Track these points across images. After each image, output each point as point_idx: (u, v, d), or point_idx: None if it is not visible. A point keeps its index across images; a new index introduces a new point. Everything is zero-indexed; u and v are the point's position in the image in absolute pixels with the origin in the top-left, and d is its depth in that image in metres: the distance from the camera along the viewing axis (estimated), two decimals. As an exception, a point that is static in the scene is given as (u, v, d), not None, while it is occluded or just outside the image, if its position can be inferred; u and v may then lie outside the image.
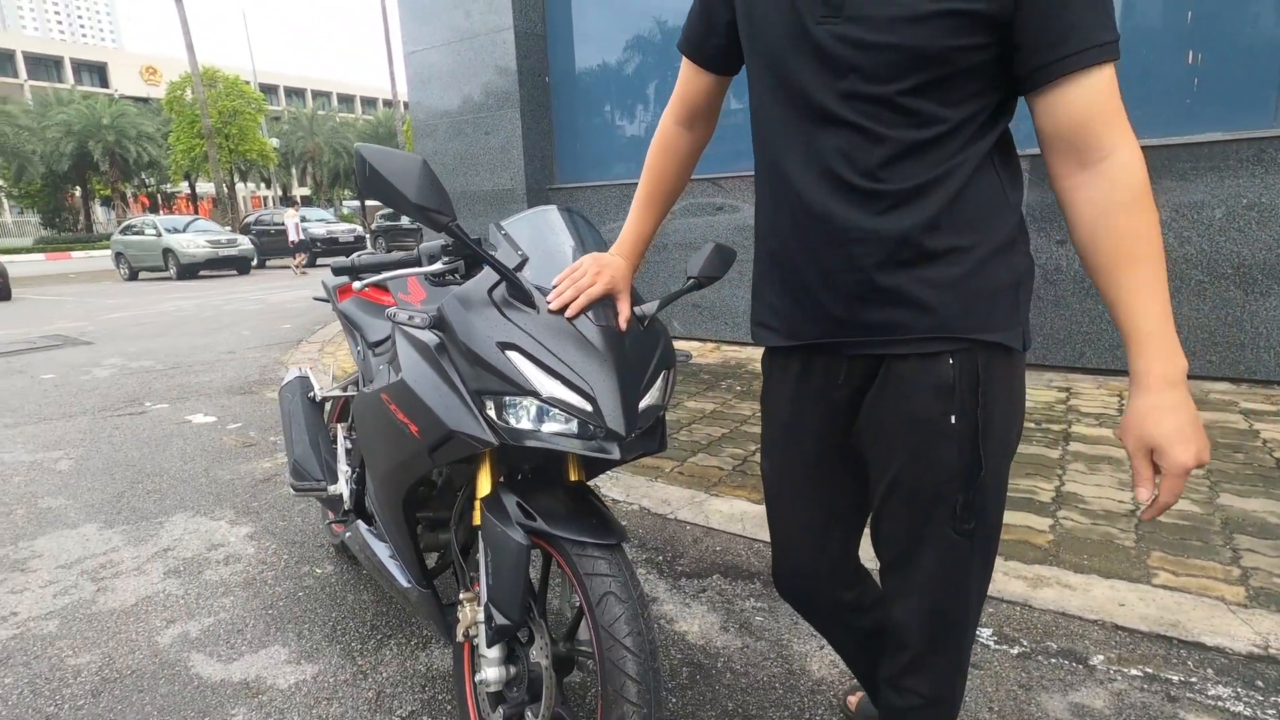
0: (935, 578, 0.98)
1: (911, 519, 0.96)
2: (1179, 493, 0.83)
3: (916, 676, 1.03)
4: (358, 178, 1.07)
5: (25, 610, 2.09)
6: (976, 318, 0.89)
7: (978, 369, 0.89)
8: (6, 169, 35.45)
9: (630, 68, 5.74)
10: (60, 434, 3.94)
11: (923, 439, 0.92)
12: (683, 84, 1.14)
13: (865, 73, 0.84)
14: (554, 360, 1.10)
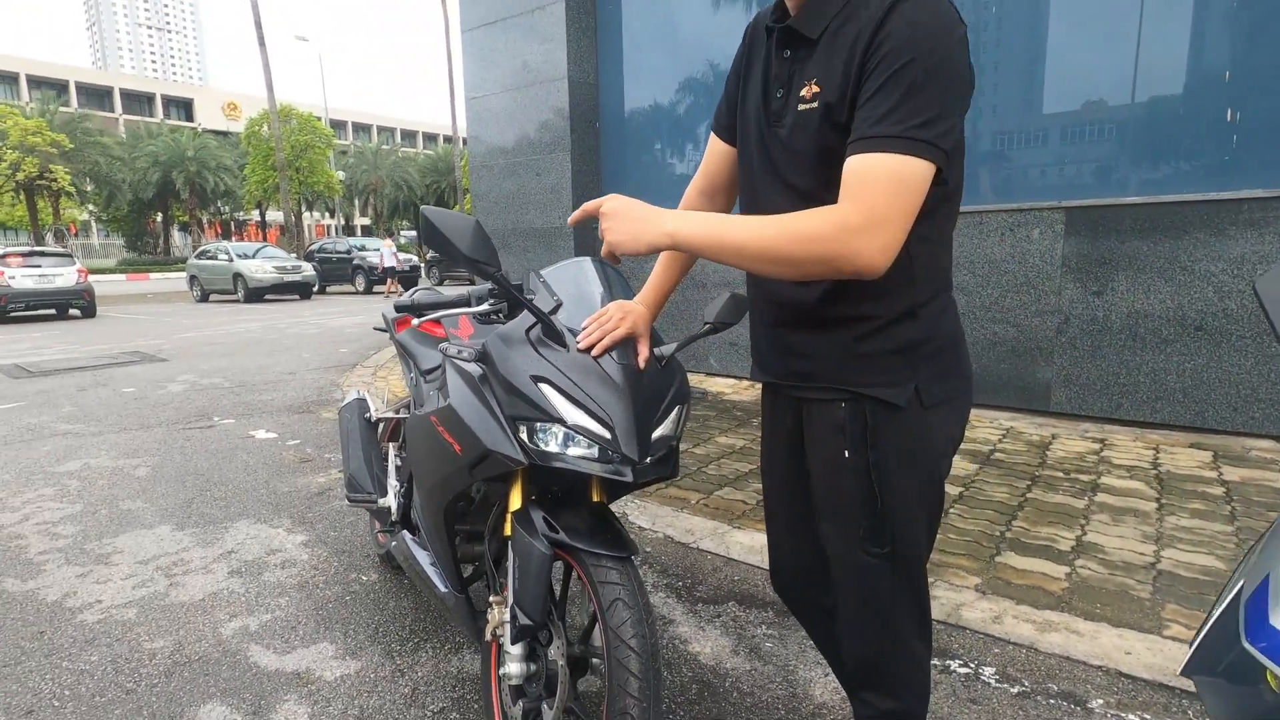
0: (858, 596, 1.12)
1: (833, 541, 1.13)
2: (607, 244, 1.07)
3: (869, 690, 1.16)
4: (421, 233, 1.28)
5: (108, 599, 2.34)
6: (860, 375, 1.06)
7: (865, 415, 1.05)
8: (98, 195, 38.16)
9: (674, 116, 6.02)
10: (139, 443, 4.29)
11: (830, 469, 1.10)
12: (708, 158, 1.34)
13: (789, 169, 1.05)
14: (579, 393, 1.27)
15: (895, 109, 0.90)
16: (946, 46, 0.91)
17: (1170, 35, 3.89)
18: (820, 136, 0.99)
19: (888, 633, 1.12)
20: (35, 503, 3.28)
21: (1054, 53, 4.33)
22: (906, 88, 0.89)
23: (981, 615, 2.12)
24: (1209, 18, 3.80)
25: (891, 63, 0.90)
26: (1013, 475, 3.30)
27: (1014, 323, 4.36)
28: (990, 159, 4.58)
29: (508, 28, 6.35)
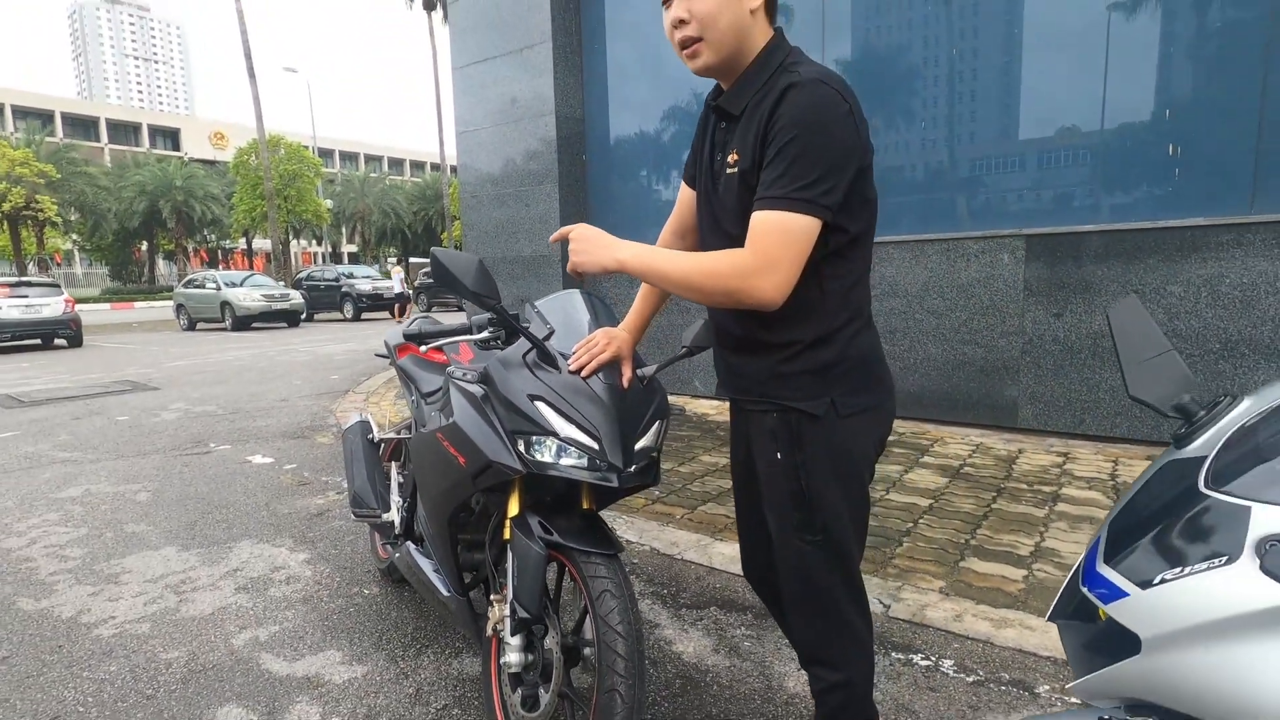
0: (798, 577, 1.31)
1: (775, 528, 1.33)
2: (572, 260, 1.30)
3: (817, 664, 1.34)
4: (432, 272, 1.46)
5: (121, 615, 2.46)
6: (784, 390, 1.26)
7: (792, 423, 1.26)
8: (83, 225, 38.09)
9: (657, 148, 6.28)
10: (137, 469, 4.39)
11: (767, 469, 1.31)
12: (679, 203, 1.55)
13: (723, 218, 1.28)
14: (570, 409, 1.45)
15: (783, 175, 1.11)
16: (826, 124, 1.11)
17: (1119, 77, 4.19)
18: (740, 196, 1.21)
19: (826, 610, 1.30)
20: (40, 527, 3.38)
21: (1014, 90, 4.63)
22: (792, 158, 1.10)
23: (944, 614, 2.29)
24: (1153, 61, 4.11)
25: (781, 139, 1.12)
26: (980, 488, 3.49)
27: (982, 344, 4.59)
28: (957, 189, 4.85)
29: (497, 65, 6.61)
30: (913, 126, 5.01)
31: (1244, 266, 3.80)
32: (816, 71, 1.17)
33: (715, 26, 1.18)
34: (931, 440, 4.40)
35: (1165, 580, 0.66)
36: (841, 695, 1.32)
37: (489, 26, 6.63)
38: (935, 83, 4.88)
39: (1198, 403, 0.80)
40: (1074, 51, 4.32)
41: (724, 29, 1.18)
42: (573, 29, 6.35)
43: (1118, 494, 3.33)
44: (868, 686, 1.35)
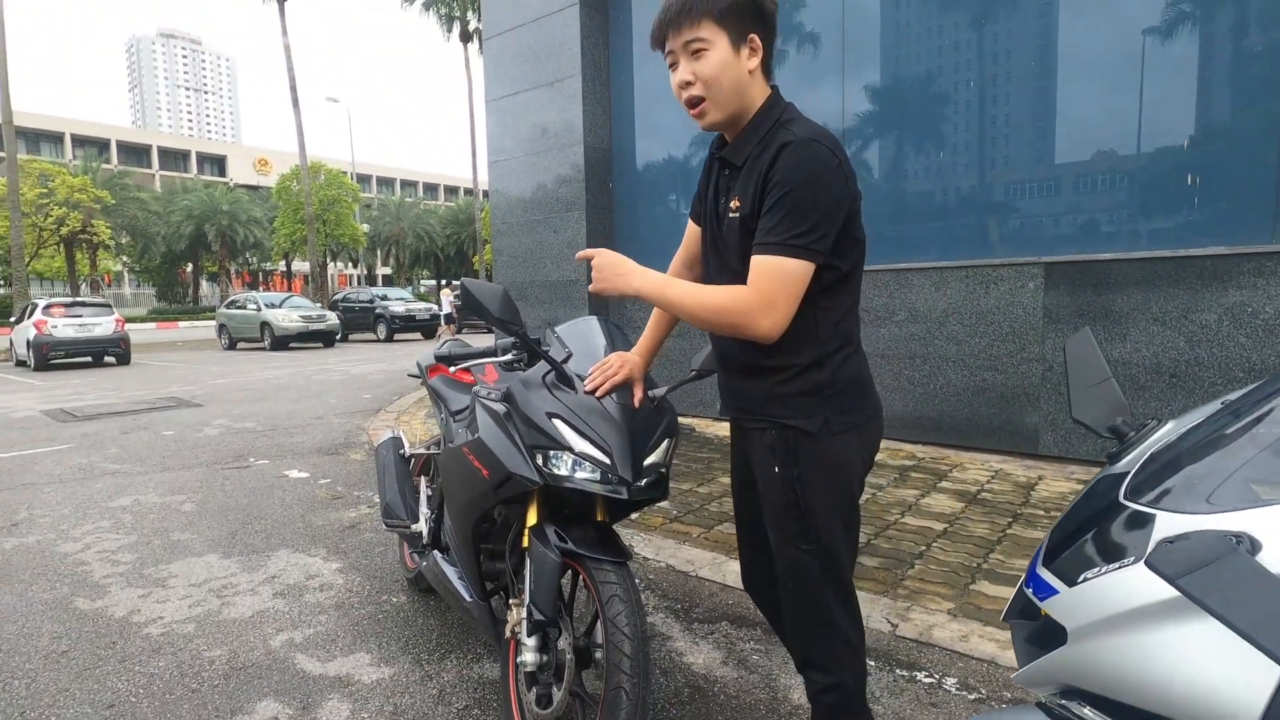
0: (794, 583, 1.40)
1: (774, 538, 1.43)
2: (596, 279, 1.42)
3: (811, 668, 1.43)
4: (461, 300, 1.61)
5: (169, 615, 2.63)
6: (782, 409, 1.37)
7: (789, 440, 1.36)
8: (133, 247, 39.73)
9: (680, 176, 6.46)
10: (182, 482, 4.62)
11: (765, 482, 1.42)
12: (687, 238, 1.69)
13: (728, 255, 1.40)
14: (585, 426, 1.57)
15: (779, 224, 1.24)
16: (818, 178, 1.24)
17: (1139, 106, 4.25)
18: (742, 238, 1.34)
19: (820, 616, 1.39)
20: (94, 534, 3.59)
21: (1034, 118, 4.71)
22: (788, 209, 1.23)
23: (950, 635, 2.34)
24: (1173, 90, 4.16)
25: (778, 192, 1.24)
26: (996, 513, 3.52)
27: (1002, 370, 4.61)
28: (977, 217, 4.91)
29: (528, 98, 6.88)
30: (931, 155, 5.11)
31: (1266, 296, 3.79)
32: (809, 130, 1.29)
33: (719, 87, 1.31)
34: (951, 465, 4.42)
35: (1087, 579, 0.76)
36: (835, 697, 1.40)
37: (521, 61, 6.92)
38: (954, 112, 4.98)
39: (1129, 425, 0.89)
40: (1093, 80, 4.39)
41: (726, 89, 1.32)
42: (601, 63, 6.60)
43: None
44: (860, 689, 1.43)
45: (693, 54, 1.31)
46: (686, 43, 1.30)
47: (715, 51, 1.29)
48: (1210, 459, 0.77)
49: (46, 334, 13.42)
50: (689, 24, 1.29)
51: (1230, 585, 0.55)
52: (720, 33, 1.29)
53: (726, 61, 1.30)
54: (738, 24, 1.29)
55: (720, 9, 1.27)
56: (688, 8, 1.28)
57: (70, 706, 2.04)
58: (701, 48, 1.30)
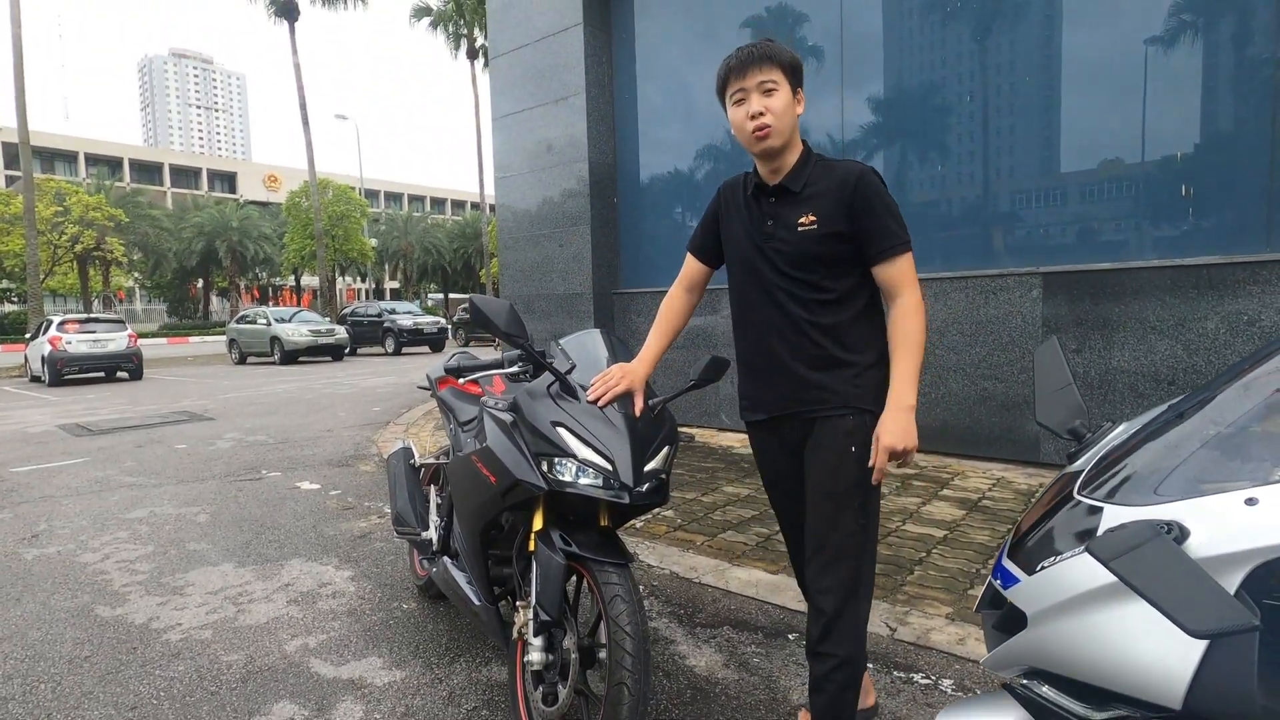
0: (843, 556, 1.54)
1: (833, 514, 1.56)
2: (883, 466, 1.51)
3: (830, 641, 1.53)
4: (470, 315, 1.70)
5: (187, 622, 2.71)
6: (860, 398, 1.59)
7: (865, 423, 1.57)
8: (145, 264, 40.25)
9: (684, 191, 6.57)
10: (196, 493, 4.71)
11: (839, 462, 1.57)
12: (686, 269, 1.87)
13: (787, 266, 1.59)
14: (588, 434, 1.65)
15: (895, 229, 1.57)
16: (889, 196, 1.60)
17: (1133, 118, 4.33)
18: (823, 246, 1.59)
19: (856, 587, 1.55)
20: (112, 544, 3.69)
21: (1031, 131, 4.79)
22: (894, 217, 1.57)
23: (948, 638, 2.40)
24: (1167, 102, 4.23)
25: (878, 206, 1.56)
26: (996, 520, 3.56)
27: (1002, 379, 4.67)
28: (976, 228, 4.99)
29: (534, 116, 7.02)
30: (930, 166, 5.19)
31: (1262, 303, 3.84)
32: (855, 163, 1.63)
33: (784, 120, 1.60)
34: (952, 474, 4.47)
35: (1044, 567, 0.83)
36: (847, 673, 1.53)
37: (526, 79, 7.06)
38: (951, 125, 5.07)
39: (1086, 427, 0.96)
40: (1088, 92, 4.48)
41: (787, 123, 1.61)
42: (605, 80, 6.73)
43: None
44: (862, 671, 1.57)
45: (765, 92, 1.59)
46: (761, 82, 1.58)
47: (782, 92, 1.60)
48: (1153, 457, 0.84)
49: (61, 350, 13.62)
50: (766, 67, 1.58)
51: (1152, 565, 0.62)
52: (784, 80, 1.60)
53: (789, 102, 1.61)
54: (793, 77, 1.62)
55: (785, 62, 1.60)
56: (765, 54, 1.59)
57: (95, 709, 2.12)
58: (772, 87, 1.59)
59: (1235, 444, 0.81)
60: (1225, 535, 0.67)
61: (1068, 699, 0.80)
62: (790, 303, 1.62)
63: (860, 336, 1.61)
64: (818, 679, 1.55)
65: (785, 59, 1.60)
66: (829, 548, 1.56)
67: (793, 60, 1.61)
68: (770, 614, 2.65)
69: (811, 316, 1.61)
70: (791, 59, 1.61)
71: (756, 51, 1.60)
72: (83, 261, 32.96)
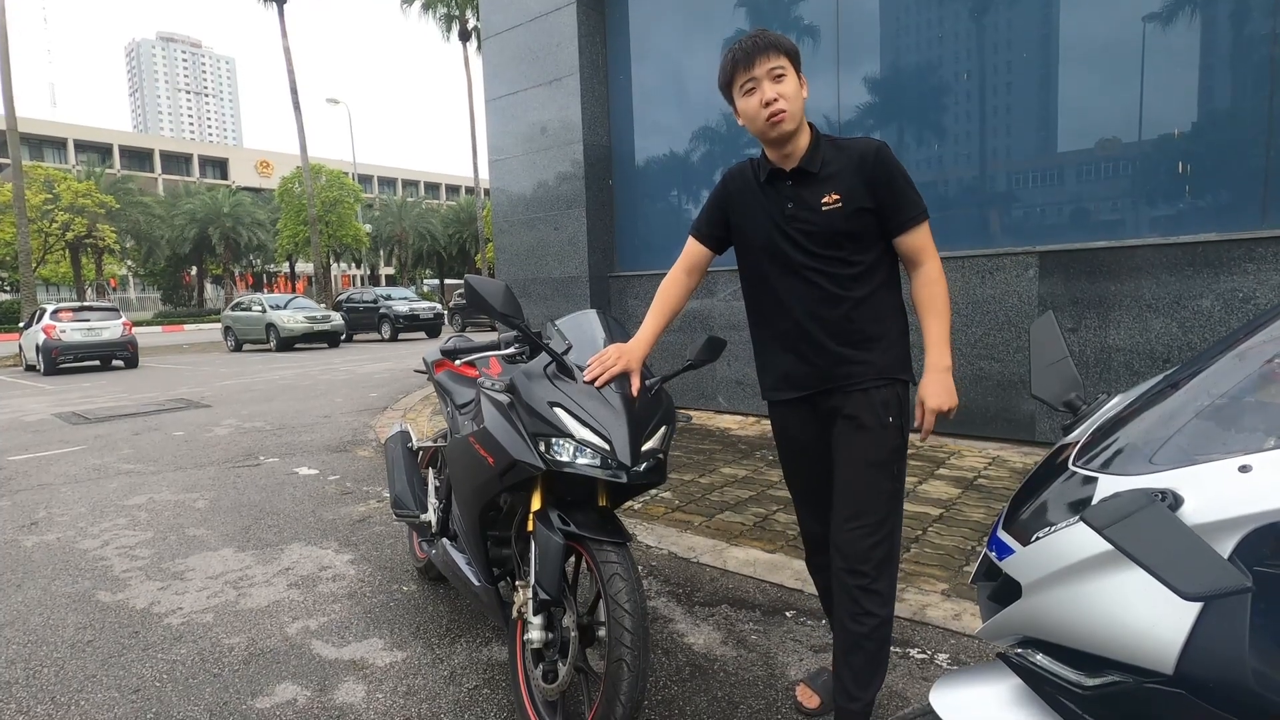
0: (883, 518, 1.61)
1: (872, 481, 1.64)
2: (931, 425, 1.64)
3: (873, 600, 1.59)
4: (465, 296, 1.69)
5: (188, 606, 2.72)
6: (893, 368, 1.68)
7: (898, 392, 1.68)
8: (138, 252, 39.97)
9: (681, 174, 6.52)
10: (194, 480, 4.72)
11: (880, 430, 1.65)
12: (688, 252, 1.87)
13: (815, 245, 1.67)
14: (585, 414, 1.65)
15: (914, 199, 1.67)
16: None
17: (1128, 95, 4.30)
18: (850, 222, 1.65)
19: (893, 546, 1.64)
20: (112, 531, 3.69)
21: (1027, 109, 4.76)
22: (911, 188, 1.66)
23: (943, 614, 2.42)
24: (1163, 79, 4.21)
25: (899, 179, 1.64)
26: (992, 498, 3.59)
27: (998, 359, 4.68)
28: (972, 208, 4.97)
29: (527, 97, 6.95)
30: (927, 146, 5.16)
31: (1257, 280, 3.85)
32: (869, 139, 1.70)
33: (795, 103, 1.65)
34: (949, 453, 4.49)
35: (1039, 538, 0.83)
36: (886, 631, 1.62)
37: (520, 60, 6.99)
38: (946, 104, 5.04)
39: (1081, 399, 0.97)
40: (1084, 71, 4.45)
41: (798, 106, 1.66)
42: (599, 61, 6.66)
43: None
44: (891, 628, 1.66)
45: (775, 78, 1.62)
46: (771, 69, 1.62)
47: (791, 77, 1.65)
48: (1147, 428, 0.84)
49: (55, 339, 13.56)
50: (773, 54, 1.62)
51: (1145, 531, 0.63)
52: (791, 66, 1.65)
53: (797, 86, 1.66)
54: (796, 63, 1.67)
55: (788, 49, 1.65)
56: (771, 43, 1.63)
57: (98, 691, 2.13)
58: (782, 73, 1.63)
59: (1229, 413, 0.81)
60: (1218, 502, 0.67)
61: (1062, 666, 0.81)
62: (823, 280, 1.67)
63: (888, 307, 1.71)
64: (858, 638, 1.61)
65: (788, 45, 1.65)
66: (869, 513, 1.63)
67: (793, 47, 1.66)
68: (768, 592, 2.68)
69: (844, 291, 1.67)
70: (792, 45, 1.66)
71: (762, 40, 1.63)
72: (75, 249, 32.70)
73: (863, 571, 1.60)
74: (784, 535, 3.18)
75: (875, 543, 1.61)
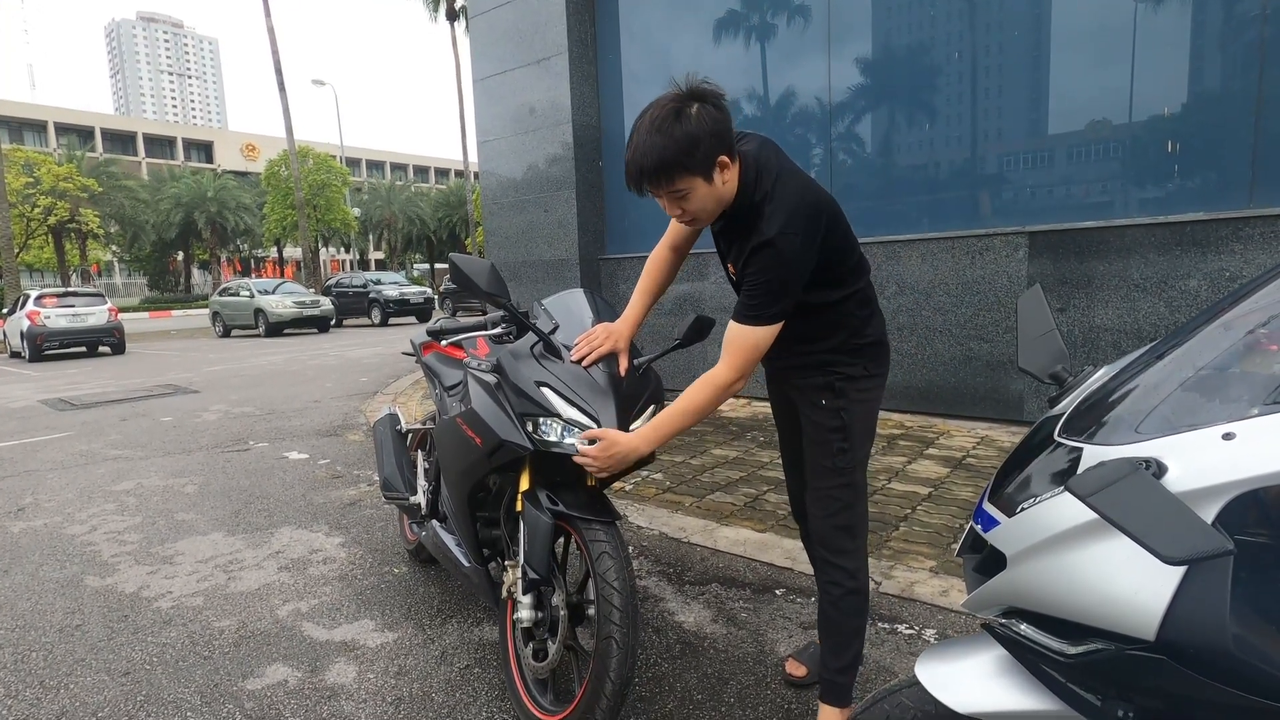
0: (828, 494, 1.60)
1: (815, 455, 1.64)
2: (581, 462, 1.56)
3: (837, 569, 1.61)
4: (451, 275, 1.67)
5: (177, 590, 2.71)
6: (833, 364, 1.63)
7: (830, 383, 1.62)
8: (122, 237, 39.42)
9: (673, 154, 6.46)
10: (183, 465, 4.69)
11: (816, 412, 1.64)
12: (672, 227, 1.81)
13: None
14: (573, 394, 1.64)
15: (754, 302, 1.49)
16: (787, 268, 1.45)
17: (1116, 75, 4.29)
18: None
19: (846, 520, 1.63)
20: (100, 516, 3.67)
21: (1016, 90, 4.74)
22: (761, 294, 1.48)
23: (931, 590, 2.44)
24: (1151, 59, 4.19)
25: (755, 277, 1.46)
26: (980, 477, 3.61)
27: (988, 339, 4.69)
28: (961, 188, 4.96)
29: (516, 77, 6.86)
30: (916, 128, 5.14)
31: (1244, 260, 3.87)
32: (780, 219, 1.42)
33: (705, 211, 1.50)
34: (938, 434, 4.52)
35: (1024, 509, 0.84)
36: (856, 600, 1.62)
37: (507, 40, 6.88)
38: (937, 84, 5.01)
39: (1068, 372, 0.96)
40: (1071, 51, 4.43)
41: (711, 209, 1.49)
42: (588, 40, 6.57)
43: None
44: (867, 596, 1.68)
45: (677, 199, 1.45)
46: (670, 192, 1.43)
47: (696, 192, 1.43)
48: (1132, 398, 0.84)
49: (40, 325, 13.39)
50: (665, 182, 1.40)
51: (1129, 499, 0.63)
52: (695, 178, 1.40)
53: (706, 194, 1.44)
54: (706, 163, 1.38)
55: (690, 165, 1.38)
56: (661, 170, 1.37)
57: (87, 675, 2.12)
58: (683, 192, 1.42)
59: (1213, 383, 0.81)
60: (1202, 469, 0.67)
61: (1045, 635, 0.81)
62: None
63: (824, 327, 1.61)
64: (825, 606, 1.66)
65: (682, 161, 1.36)
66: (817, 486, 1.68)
67: (688, 151, 1.35)
68: (758, 571, 2.69)
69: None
70: (690, 147, 1.34)
71: (647, 168, 1.37)
72: (58, 234, 32.22)
73: (823, 542, 1.64)
74: (774, 515, 3.19)
75: (827, 517, 1.63)
